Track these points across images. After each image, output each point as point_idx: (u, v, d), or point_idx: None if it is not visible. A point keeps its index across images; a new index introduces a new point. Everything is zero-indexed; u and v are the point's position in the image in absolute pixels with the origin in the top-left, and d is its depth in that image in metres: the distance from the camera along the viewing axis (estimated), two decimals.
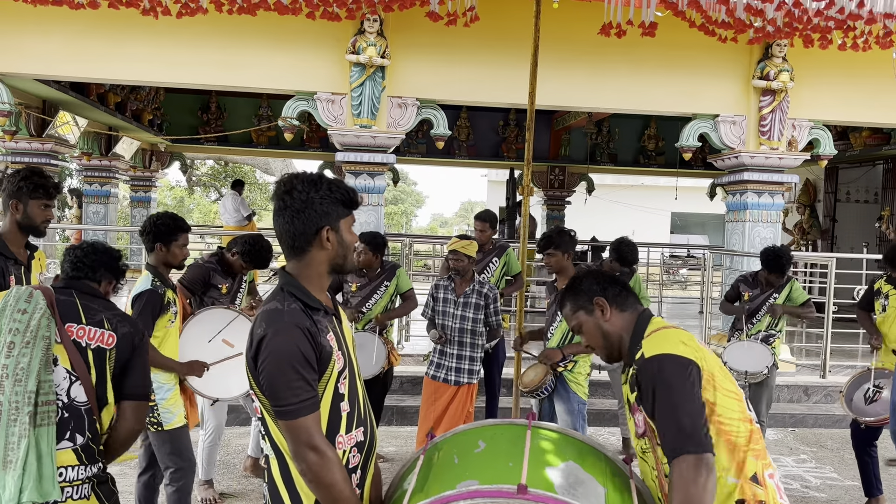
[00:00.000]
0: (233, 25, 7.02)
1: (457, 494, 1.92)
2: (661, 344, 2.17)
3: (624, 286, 2.41)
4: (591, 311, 2.37)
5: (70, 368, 2.48)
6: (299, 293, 2.07)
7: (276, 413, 1.98)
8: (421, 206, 45.13)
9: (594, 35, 6.25)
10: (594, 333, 2.39)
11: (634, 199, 27.88)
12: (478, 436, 2.32)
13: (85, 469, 2.49)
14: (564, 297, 2.46)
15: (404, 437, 6.42)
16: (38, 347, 2.39)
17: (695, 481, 1.98)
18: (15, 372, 2.35)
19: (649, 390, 2.12)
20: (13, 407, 2.33)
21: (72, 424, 2.47)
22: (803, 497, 5.43)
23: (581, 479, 2.12)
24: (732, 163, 8.08)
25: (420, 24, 6.84)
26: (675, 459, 2.02)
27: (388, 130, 7.38)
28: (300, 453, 1.96)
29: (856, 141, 12.15)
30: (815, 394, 7.76)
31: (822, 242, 13.97)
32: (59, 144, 9.60)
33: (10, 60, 7.17)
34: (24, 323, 2.40)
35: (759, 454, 2.17)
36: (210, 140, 13.66)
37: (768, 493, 2.13)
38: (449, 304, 5.08)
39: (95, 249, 2.77)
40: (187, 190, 29.66)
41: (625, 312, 2.35)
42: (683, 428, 2.03)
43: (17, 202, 3.55)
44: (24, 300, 2.44)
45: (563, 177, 15.16)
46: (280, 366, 1.95)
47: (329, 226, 2.08)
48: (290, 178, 2.09)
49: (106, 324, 2.56)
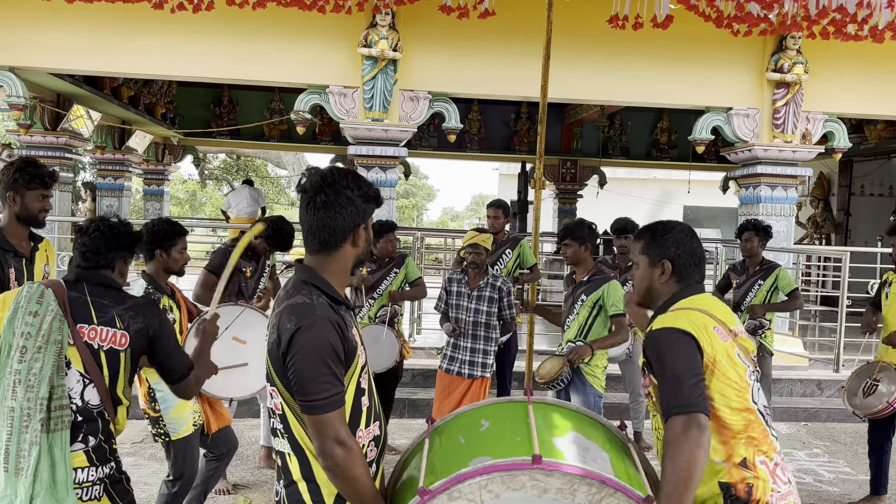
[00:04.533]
0: (245, 19, 7.04)
1: (472, 471, 1.93)
2: (670, 319, 2.24)
3: (699, 262, 2.40)
4: (653, 264, 2.39)
5: (83, 371, 2.44)
6: (325, 287, 2.06)
7: (304, 408, 1.96)
8: (432, 199, 45.05)
9: (606, 28, 6.23)
10: (643, 280, 2.43)
11: (647, 193, 27.77)
12: (479, 415, 2.33)
13: (96, 470, 2.47)
14: (645, 234, 2.45)
15: (416, 429, 6.44)
16: (51, 352, 2.36)
17: (684, 437, 2.04)
18: (27, 377, 2.32)
19: (651, 359, 2.22)
20: (25, 413, 2.30)
21: (84, 427, 2.45)
22: (816, 491, 5.42)
23: (586, 446, 2.16)
24: (746, 156, 8.04)
25: (432, 17, 6.84)
26: (668, 421, 2.10)
27: (400, 124, 7.39)
28: (327, 448, 1.95)
29: (871, 134, 12.05)
30: (828, 388, 7.72)
31: (835, 236, 13.88)
32: (73, 138, 9.65)
33: (25, 54, 7.22)
34: (36, 326, 2.35)
35: (755, 442, 2.21)
36: (222, 133, 13.70)
37: (759, 476, 2.17)
38: (463, 297, 5.08)
39: (103, 233, 2.63)
40: (199, 183, 29.75)
41: (678, 284, 2.37)
42: (673, 390, 2.11)
43: (14, 194, 3.52)
44: (36, 301, 2.39)
45: (575, 170, 15.11)
46: (312, 360, 1.94)
47: (364, 224, 2.11)
48: (329, 173, 2.07)
49: (118, 322, 2.51)
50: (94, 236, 2.61)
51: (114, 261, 2.64)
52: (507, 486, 1.92)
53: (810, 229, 14.17)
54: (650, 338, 2.24)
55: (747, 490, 2.15)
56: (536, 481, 1.92)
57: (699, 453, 2.03)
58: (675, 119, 14.47)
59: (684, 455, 2.02)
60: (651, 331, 2.25)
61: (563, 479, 1.92)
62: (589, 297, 4.65)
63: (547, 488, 1.92)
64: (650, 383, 2.28)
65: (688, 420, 2.05)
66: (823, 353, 8.61)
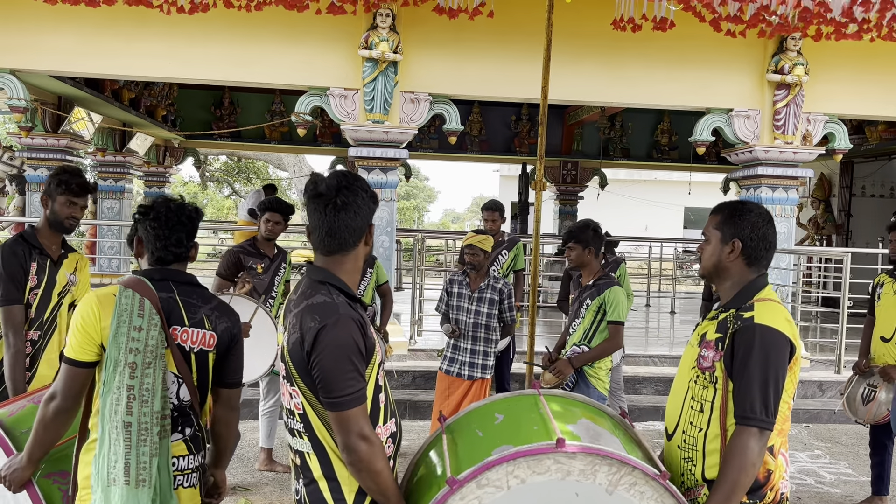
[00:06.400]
0: (246, 21, 7.05)
1: (499, 458, 2.01)
2: (773, 316, 2.26)
3: (769, 248, 2.41)
4: (725, 241, 2.40)
5: (176, 372, 2.46)
6: (342, 286, 2.12)
7: (329, 405, 2.00)
8: (433, 201, 45.08)
9: (607, 29, 6.24)
10: (711, 256, 2.44)
11: (647, 194, 27.78)
12: (492, 409, 2.44)
13: (194, 458, 2.51)
14: (723, 210, 2.46)
15: (417, 430, 6.44)
16: (158, 366, 2.38)
17: (758, 455, 2.18)
18: (140, 393, 2.34)
19: (746, 352, 2.23)
20: (143, 428, 2.33)
21: (181, 420, 2.48)
22: (817, 493, 5.41)
23: (599, 432, 2.29)
24: (746, 157, 8.03)
25: (432, 19, 6.84)
26: (745, 427, 2.20)
27: (401, 125, 7.39)
28: (351, 444, 1.99)
29: (871, 135, 12.04)
30: (829, 389, 7.72)
31: (836, 237, 13.86)
32: (74, 140, 9.66)
33: (26, 57, 7.22)
34: (143, 342, 2.36)
35: (783, 434, 2.34)
36: (223, 136, 13.71)
37: (777, 465, 2.31)
38: (463, 298, 5.08)
39: (182, 223, 2.52)
40: (200, 185, 29.77)
41: (749, 268, 2.40)
42: (764, 402, 2.19)
43: (48, 198, 3.65)
44: (137, 314, 2.38)
45: (576, 172, 15.10)
46: (338, 357, 1.99)
47: (372, 223, 2.20)
48: (342, 175, 2.15)
49: (206, 322, 2.51)
50: (175, 227, 2.52)
51: (189, 251, 2.59)
52: (533, 471, 2.01)
53: (811, 230, 14.17)
54: (752, 329, 2.24)
55: (766, 475, 2.28)
56: (560, 464, 2.01)
57: (759, 464, 2.21)
58: (675, 120, 14.47)
59: (750, 466, 2.18)
60: (754, 322, 2.25)
61: (585, 461, 2.01)
62: (593, 301, 4.57)
63: (570, 470, 2.01)
64: (718, 359, 2.29)
65: (761, 436, 2.19)
66: (825, 354, 8.61)
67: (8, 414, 2.77)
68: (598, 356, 4.53)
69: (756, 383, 2.19)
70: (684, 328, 10.68)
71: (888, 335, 4.91)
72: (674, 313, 12.36)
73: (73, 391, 2.40)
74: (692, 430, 2.34)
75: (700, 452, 2.31)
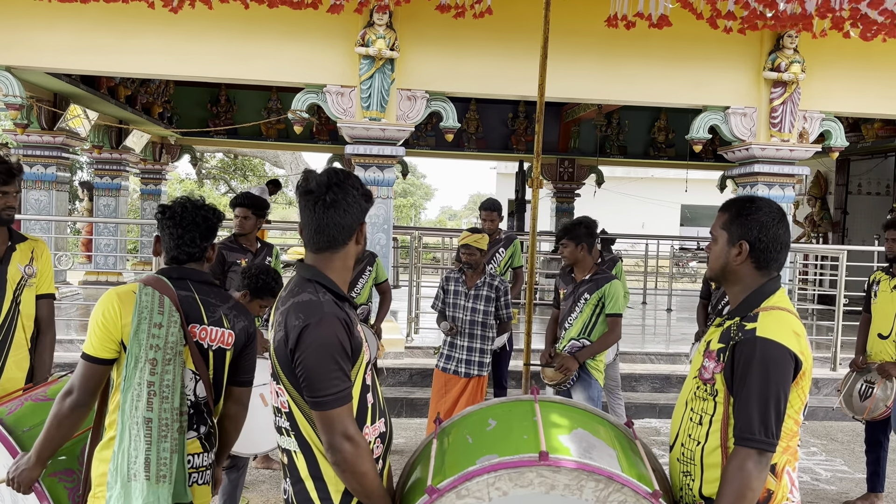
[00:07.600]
0: (242, 18, 7.03)
1: (480, 469, 1.95)
2: (777, 328, 2.11)
3: (782, 248, 2.24)
4: (732, 242, 2.24)
5: (194, 369, 2.47)
6: (330, 285, 2.09)
7: (313, 404, 1.98)
8: (430, 198, 45.09)
9: (604, 27, 6.23)
10: (718, 259, 2.28)
11: (644, 192, 27.82)
12: (487, 415, 2.36)
13: (207, 456, 2.53)
14: (730, 208, 2.29)
15: (414, 428, 6.44)
16: (177, 363, 2.39)
17: (757, 478, 2.04)
18: (161, 389, 2.35)
19: (745, 367, 2.09)
20: (164, 424, 2.34)
21: (196, 418, 2.49)
22: (813, 490, 5.42)
23: (593, 443, 2.18)
24: (743, 155, 8.04)
25: (429, 16, 6.83)
26: (743, 448, 2.05)
27: (398, 123, 7.38)
28: (336, 444, 1.97)
29: (868, 133, 12.07)
30: (825, 387, 7.73)
31: (833, 235, 13.89)
32: (70, 138, 9.64)
33: (22, 54, 7.20)
34: (163, 339, 2.37)
35: (790, 451, 2.18)
36: (220, 133, 13.68)
37: (779, 485, 2.15)
38: (460, 296, 5.09)
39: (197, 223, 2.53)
40: (197, 183, 29.74)
41: (758, 271, 2.23)
42: (764, 421, 2.05)
43: None
44: (157, 311, 2.39)
45: (573, 169, 15.11)
46: (322, 356, 1.96)
47: (364, 221, 2.17)
48: (334, 173, 2.12)
49: (225, 321, 2.52)
50: (188, 227, 2.52)
51: (205, 251, 2.59)
52: (515, 483, 1.93)
53: (807, 228, 14.18)
54: (753, 342, 2.09)
55: (767, 495, 2.13)
56: (543, 478, 1.93)
57: (760, 487, 2.06)
58: (672, 118, 14.48)
59: (748, 490, 2.04)
60: (756, 335, 2.09)
61: (569, 476, 1.93)
62: (592, 295, 4.66)
63: (554, 485, 1.94)
64: (719, 371, 2.15)
65: (760, 458, 2.04)
66: (820, 351, 8.62)
67: (7, 412, 2.75)
68: (600, 349, 4.67)
69: (755, 402, 2.05)
70: (681, 326, 10.70)
71: (885, 332, 4.92)
72: (670, 311, 12.37)
73: (90, 387, 2.41)
74: (690, 442, 2.22)
75: (698, 467, 2.18)
